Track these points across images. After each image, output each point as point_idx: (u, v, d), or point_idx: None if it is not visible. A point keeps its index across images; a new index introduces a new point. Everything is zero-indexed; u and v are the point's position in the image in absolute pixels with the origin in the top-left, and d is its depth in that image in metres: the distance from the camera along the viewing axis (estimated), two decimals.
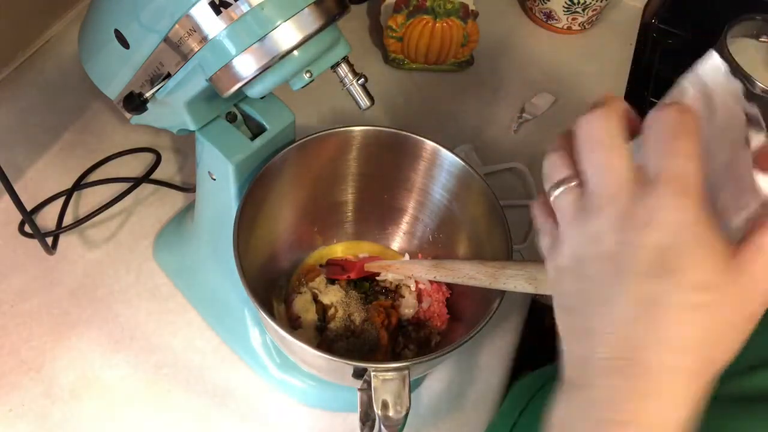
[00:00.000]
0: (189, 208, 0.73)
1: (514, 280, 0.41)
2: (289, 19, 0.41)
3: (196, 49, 0.42)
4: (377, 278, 0.63)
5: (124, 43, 0.48)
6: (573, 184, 0.31)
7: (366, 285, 0.63)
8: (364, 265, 0.59)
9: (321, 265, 0.65)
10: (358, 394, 0.47)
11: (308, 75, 0.45)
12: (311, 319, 0.60)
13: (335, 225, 0.68)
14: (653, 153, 0.28)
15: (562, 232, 0.32)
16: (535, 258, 0.74)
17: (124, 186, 0.72)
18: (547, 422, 0.32)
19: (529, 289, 0.41)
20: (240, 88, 0.43)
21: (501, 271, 0.43)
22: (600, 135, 0.29)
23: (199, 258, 0.66)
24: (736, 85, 0.30)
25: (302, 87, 0.46)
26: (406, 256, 0.67)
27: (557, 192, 0.31)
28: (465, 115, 0.90)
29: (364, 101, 0.49)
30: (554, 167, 0.32)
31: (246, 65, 0.42)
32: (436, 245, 0.65)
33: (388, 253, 0.68)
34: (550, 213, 0.33)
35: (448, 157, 0.57)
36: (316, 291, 0.62)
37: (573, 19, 1.00)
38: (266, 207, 0.58)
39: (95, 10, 0.51)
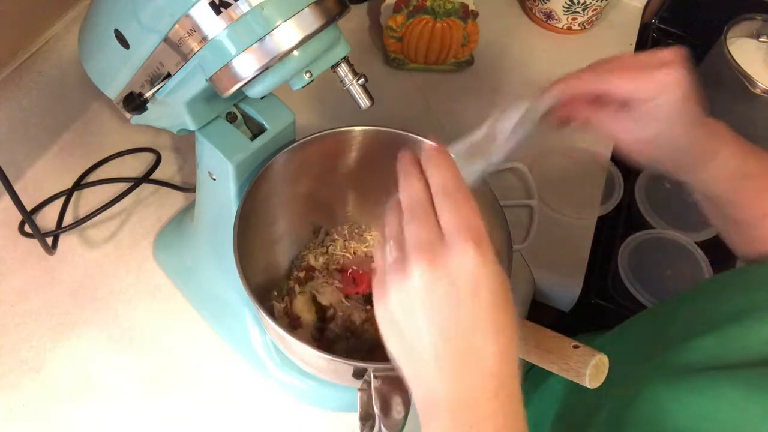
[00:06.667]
0: (189, 208, 0.73)
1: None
2: (289, 19, 0.41)
3: (196, 49, 0.42)
4: None
5: (124, 43, 0.48)
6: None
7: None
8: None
9: (337, 269, 0.65)
10: (358, 394, 0.47)
11: (308, 75, 0.45)
12: (311, 319, 0.60)
13: (335, 225, 0.68)
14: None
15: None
16: (535, 256, 0.75)
17: (124, 186, 0.71)
18: None
19: (519, 354, 0.41)
20: (240, 88, 0.43)
21: None
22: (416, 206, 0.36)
23: (199, 258, 0.66)
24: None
25: (302, 87, 0.46)
26: None
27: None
28: (465, 115, 0.89)
29: (364, 101, 0.49)
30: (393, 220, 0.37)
31: (246, 65, 0.41)
32: None
33: None
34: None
35: None
36: (315, 292, 0.62)
37: (573, 19, 1.00)
38: (266, 207, 0.58)
39: (95, 10, 0.50)
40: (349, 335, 0.60)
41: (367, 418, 0.46)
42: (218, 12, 0.40)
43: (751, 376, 0.39)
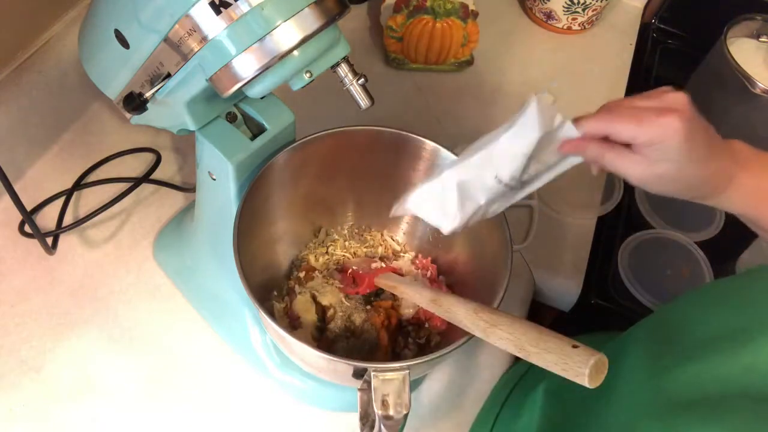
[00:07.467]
0: (189, 208, 0.73)
1: (503, 343, 0.41)
2: (289, 19, 0.41)
3: (196, 49, 0.42)
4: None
5: (124, 43, 0.48)
6: None
7: None
8: (373, 280, 0.59)
9: (337, 269, 0.65)
10: (358, 394, 0.47)
11: (308, 75, 0.45)
12: (311, 319, 0.60)
13: (335, 225, 0.68)
14: None
15: None
16: (535, 256, 0.75)
17: (124, 186, 0.71)
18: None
19: (518, 354, 0.42)
20: (240, 88, 0.43)
21: (492, 329, 0.42)
22: None
23: (199, 258, 0.66)
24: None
25: (302, 87, 0.46)
26: (408, 255, 0.67)
27: None
28: (465, 115, 0.90)
29: (364, 101, 0.49)
30: None
31: (246, 65, 0.42)
32: (435, 245, 0.65)
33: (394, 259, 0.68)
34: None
35: (448, 157, 0.57)
36: (315, 292, 0.62)
37: (573, 19, 1.00)
38: (266, 207, 0.58)
39: (95, 10, 0.51)
40: (349, 335, 0.60)
41: (367, 418, 0.46)
42: (218, 12, 0.40)
43: (733, 415, 0.38)
